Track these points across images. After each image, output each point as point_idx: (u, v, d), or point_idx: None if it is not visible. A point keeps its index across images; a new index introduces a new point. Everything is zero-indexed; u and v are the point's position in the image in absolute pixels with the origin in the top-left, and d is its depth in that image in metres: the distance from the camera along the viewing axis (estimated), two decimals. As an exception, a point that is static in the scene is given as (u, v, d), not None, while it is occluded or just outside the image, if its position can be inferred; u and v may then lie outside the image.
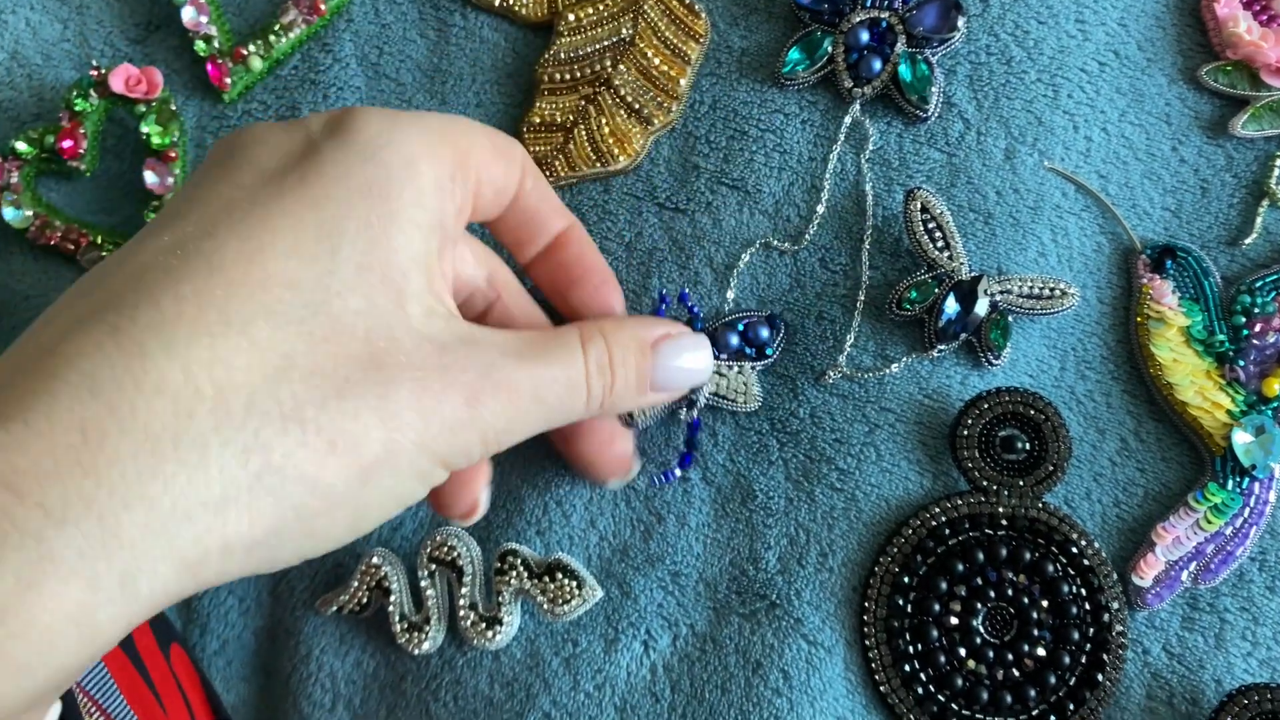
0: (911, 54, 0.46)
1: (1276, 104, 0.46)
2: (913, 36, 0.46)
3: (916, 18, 0.46)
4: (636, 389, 0.36)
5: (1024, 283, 0.44)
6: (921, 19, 0.46)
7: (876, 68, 0.46)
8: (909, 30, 0.46)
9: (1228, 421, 0.43)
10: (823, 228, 0.46)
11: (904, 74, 0.45)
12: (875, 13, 0.46)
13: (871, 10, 0.46)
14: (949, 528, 0.42)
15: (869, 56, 0.46)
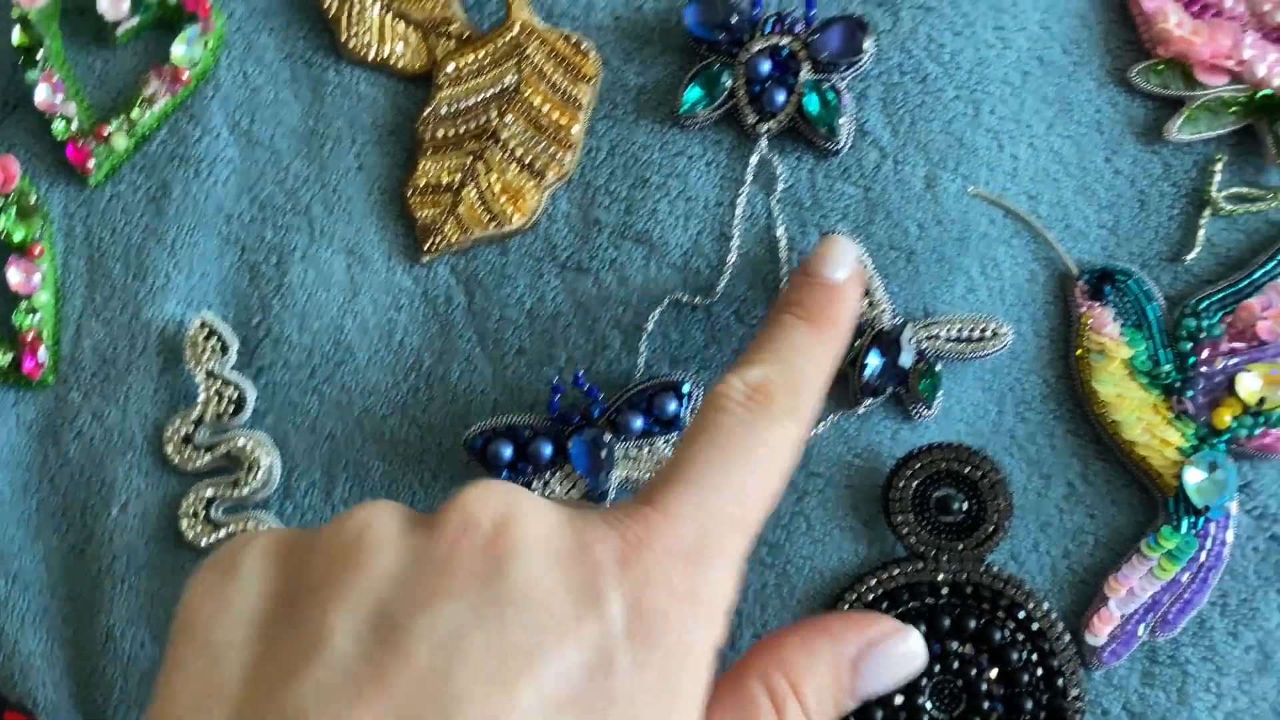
0: (817, 82, 0.42)
1: (1213, 104, 0.43)
2: (818, 63, 0.42)
3: (819, 42, 0.42)
4: (835, 712, 0.31)
5: (951, 326, 0.41)
6: (825, 44, 0.42)
7: (780, 100, 0.42)
8: (813, 56, 0.42)
9: (1178, 459, 0.40)
10: (736, 278, 0.43)
11: (810, 105, 0.42)
12: (776, 39, 0.42)
13: (771, 37, 0.42)
14: (887, 599, 0.40)
15: (772, 88, 0.42)
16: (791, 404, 0.32)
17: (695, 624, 0.27)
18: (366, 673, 0.24)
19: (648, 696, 0.25)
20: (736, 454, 0.30)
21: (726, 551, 0.29)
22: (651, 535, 0.27)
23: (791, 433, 0.32)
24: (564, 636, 0.25)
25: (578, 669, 0.25)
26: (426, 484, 0.43)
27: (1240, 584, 0.40)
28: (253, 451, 0.43)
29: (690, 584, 0.27)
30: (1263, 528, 0.41)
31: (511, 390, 0.43)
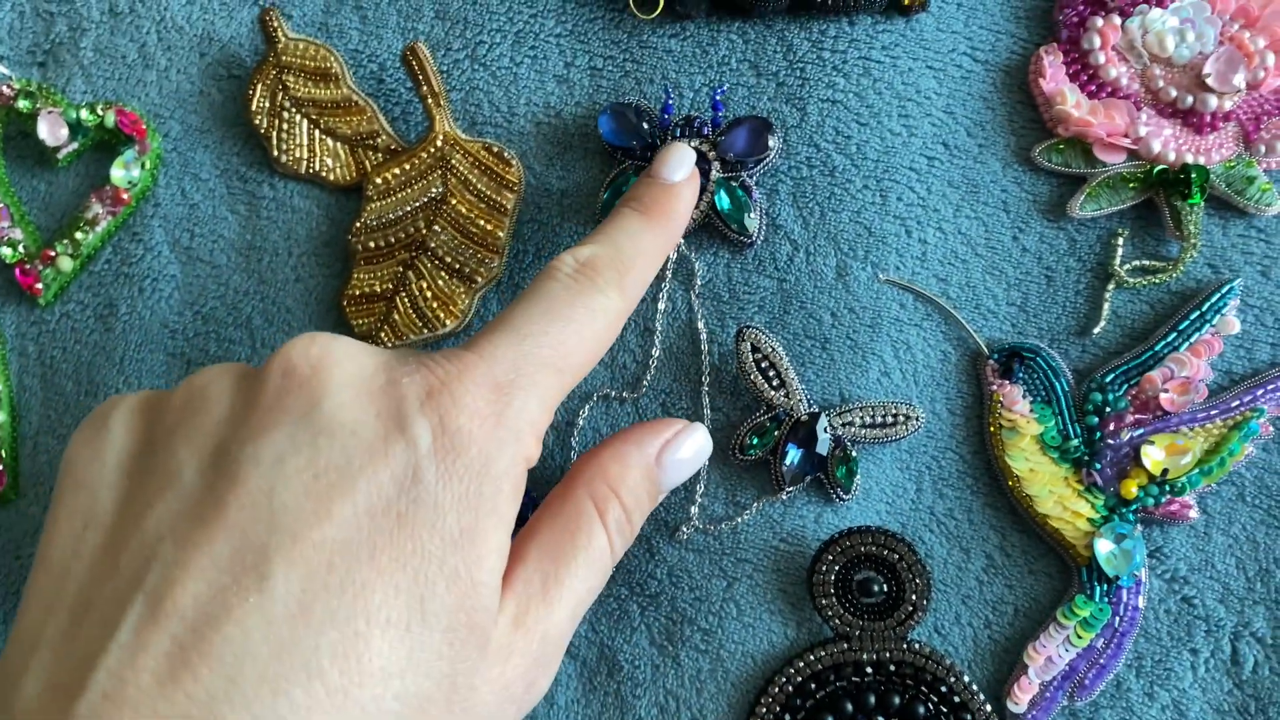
0: (727, 180, 0.44)
1: (1113, 180, 0.44)
2: (726, 162, 0.44)
3: (727, 143, 0.44)
4: (650, 505, 0.37)
5: (865, 412, 0.43)
6: (732, 144, 0.44)
7: None
8: (722, 156, 0.44)
9: (1089, 530, 0.42)
10: (660, 371, 0.45)
11: (721, 203, 0.43)
12: (686, 143, 0.44)
13: (681, 139, 0.44)
14: (814, 681, 0.41)
15: None
16: (616, 279, 0.35)
17: (500, 442, 0.31)
18: (208, 499, 0.29)
19: (454, 503, 0.29)
20: (559, 311, 0.34)
21: (538, 384, 0.32)
22: (464, 372, 0.31)
23: (614, 303, 0.35)
24: (374, 457, 0.29)
25: (389, 483, 0.29)
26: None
27: (1154, 645, 0.42)
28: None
29: (496, 409, 0.31)
30: (1174, 590, 0.42)
31: (451, 491, 0.44)
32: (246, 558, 0.28)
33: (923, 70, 0.45)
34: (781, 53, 0.45)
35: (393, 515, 0.29)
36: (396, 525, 0.29)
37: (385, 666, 0.28)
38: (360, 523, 0.28)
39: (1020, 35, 0.46)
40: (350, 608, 0.28)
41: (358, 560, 0.28)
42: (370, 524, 0.29)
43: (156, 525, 0.29)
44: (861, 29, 0.45)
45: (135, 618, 0.27)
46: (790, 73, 0.45)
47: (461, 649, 0.29)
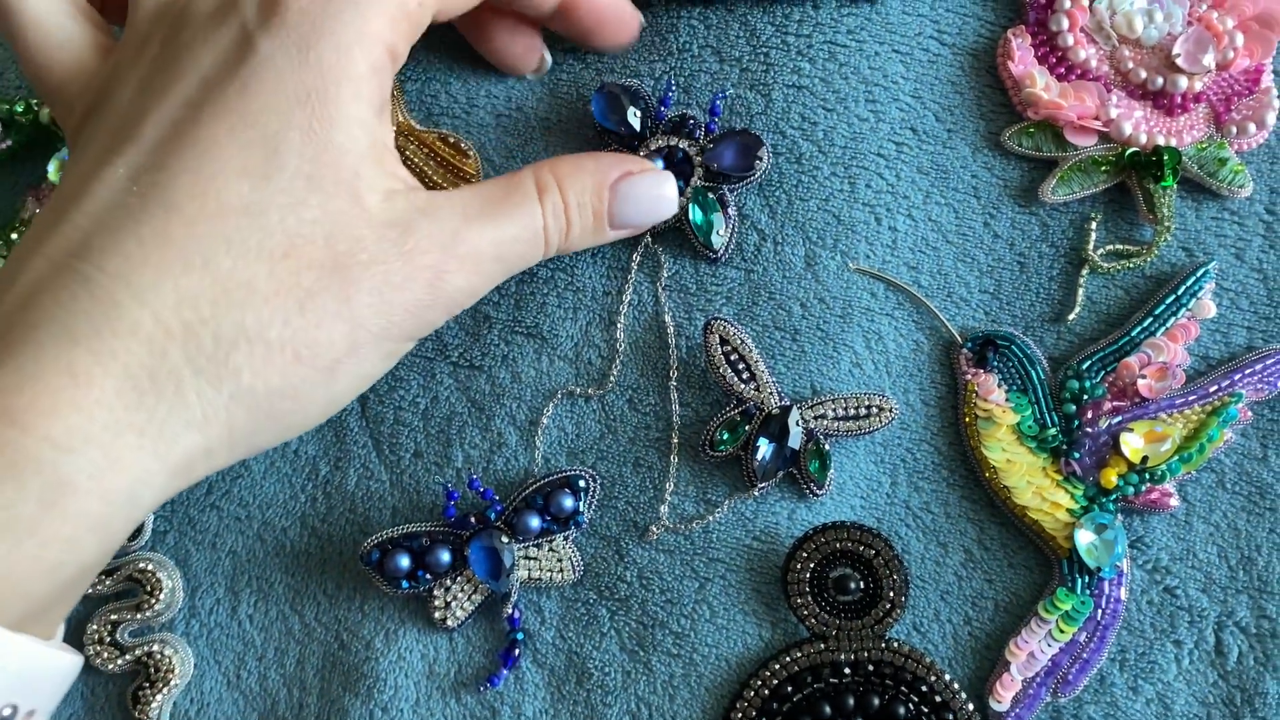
0: (705, 190, 0.42)
1: (1084, 164, 0.43)
2: (710, 171, 0.42)
3: (715, 155, 0.42)
4: (595, 231, 0.38)
5: (837, 404, 0.41)
6: (719, 157, 0.42)
7: None
8: (706, 164, 0.42)
9: (1069, 521, 0.41)
10: (627, 366, 0.43)
11: (693, 214, 0.42)
12: (674, 140, 0.42)
13: (670, 138, 0.42)
14: (791, 683, 0.40)
15: None
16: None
17: (336, 11, 0.32)
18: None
19: (294, 68, 0.32)
20: None
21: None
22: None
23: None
24: (207, 35, 0.33)
25: (224, 51, 0.32)
26: (331, 594, 0.43)
27: (1138, 638, 0.41)
28: (154, 574, 0.42)
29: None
30: (1156, 580, 0.41)
31: (409, 494, 0.43)
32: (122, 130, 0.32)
33: (889, 54, 0.44)
34: (745, 37, 0.44)
35: (236, 83, 0.31)
36: (239, 92, 0.31)
37: (246, 206, 0.31)
38: (202, 93, 0.32)
39: (987, 18, 0.45)
40: (201, 160, 0.31)
41: (205, 122, 0.31)
42: (211, 92, 0.31)
43: None
44: (826, 12, 0.44)
45: None
46: (754, 58, 0.44)
47: (329, 199, 0.31)
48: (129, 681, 0.42)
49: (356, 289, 0.32)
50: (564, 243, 0.37)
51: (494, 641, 0.42)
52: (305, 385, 0.32)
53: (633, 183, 0.38)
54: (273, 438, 0.33)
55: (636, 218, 0.38)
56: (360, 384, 0.34)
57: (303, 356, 0.31)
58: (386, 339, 0.33)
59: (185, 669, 0.42)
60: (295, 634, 0.42)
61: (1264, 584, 0.41)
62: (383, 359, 0.34)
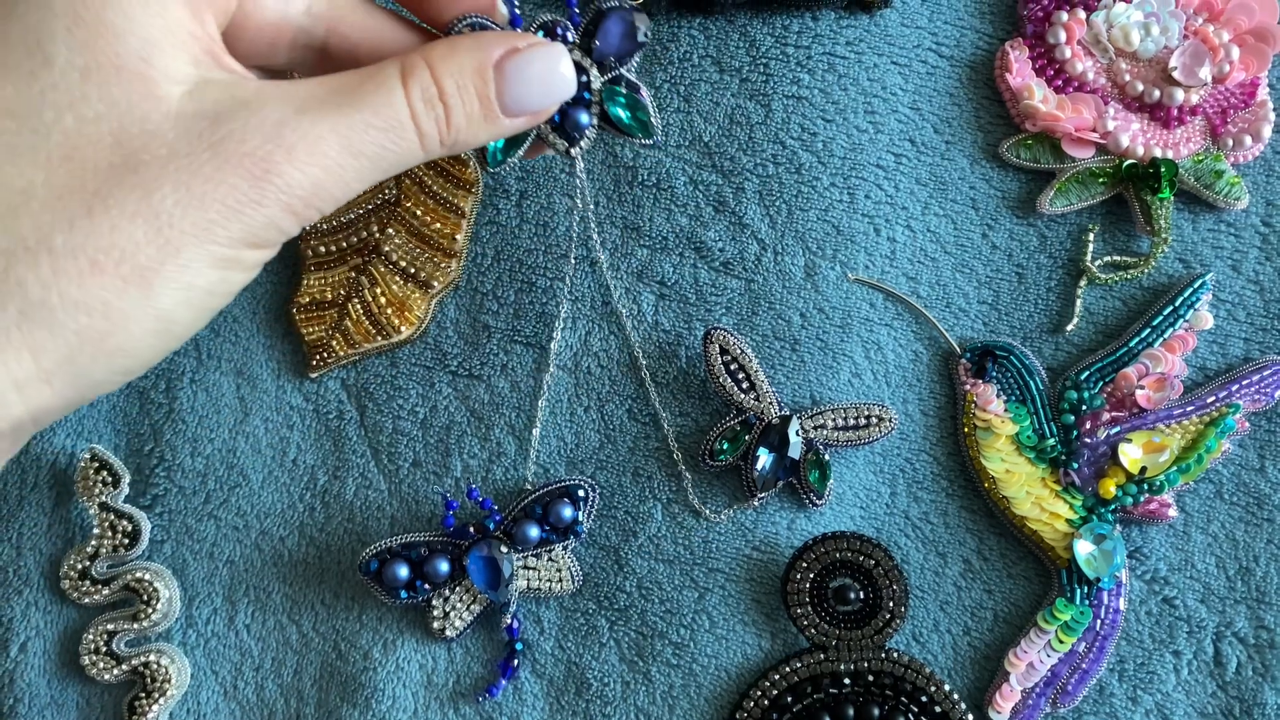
0: (612, 88, 0.37)
1: (1082, 175, 0.44)
2: (603, 65, 0.37)
3: (600, 47, 0.36)
4: (484, 118, 0.32)
5: (837, 415, 0.41)
6: (606, 46, 0.36)
7: (585, 119, 0.37)
8: (598, 60, 0.37)
9: (1068, 531, 0.41)
10: (627, 375, 0.43)
11: (617, 115, 0.37)
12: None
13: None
14: (791, 693, 0.40)
15: (572, 110, 0.37)
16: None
17: None
18: None
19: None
20: None
21: None
22: None
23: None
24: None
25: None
26: (329, 604, 0.43)
27: (1136, 648, 0.41)
28: (151, 583, 0.42)
29: None
30: (1155, 591, 0.41)
31: (408, 504, 0.43)
32: None
33: (888, 66, 0.44)
34: (744, 48, 0.44)
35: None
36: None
37: (11, 108, 0.28)
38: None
39: (985, 30, 0.45)
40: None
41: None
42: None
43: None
44: (825, 24, 0.44)
45: None
46: (754, 68, 0.44)
47: (111, 91, 0.28)
48: (125, 692, 0.42)
49: (157, 185, 0.28)
50: (446, 133, 0.32)
51: (493, 652, 0.42)
52: (115, 297, 0.28)
53: (521, 60, 0.33)
54: (104, 369, 0.29)
55: (531, 100, 0.33)
56: (195, 298, 0.29)
57: (101, 264, 0.27)
58: (210, 241, 0.28)
59: (182, 679, 0.42)
60: (293, 644, 0.42)
61: (1262, 594, 0.41)
62: (216, 268, 0.29)
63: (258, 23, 0.34)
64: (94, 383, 0.29)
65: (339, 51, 0.36)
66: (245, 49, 0.35)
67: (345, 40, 0.36)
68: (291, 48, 0.35)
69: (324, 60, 0.36)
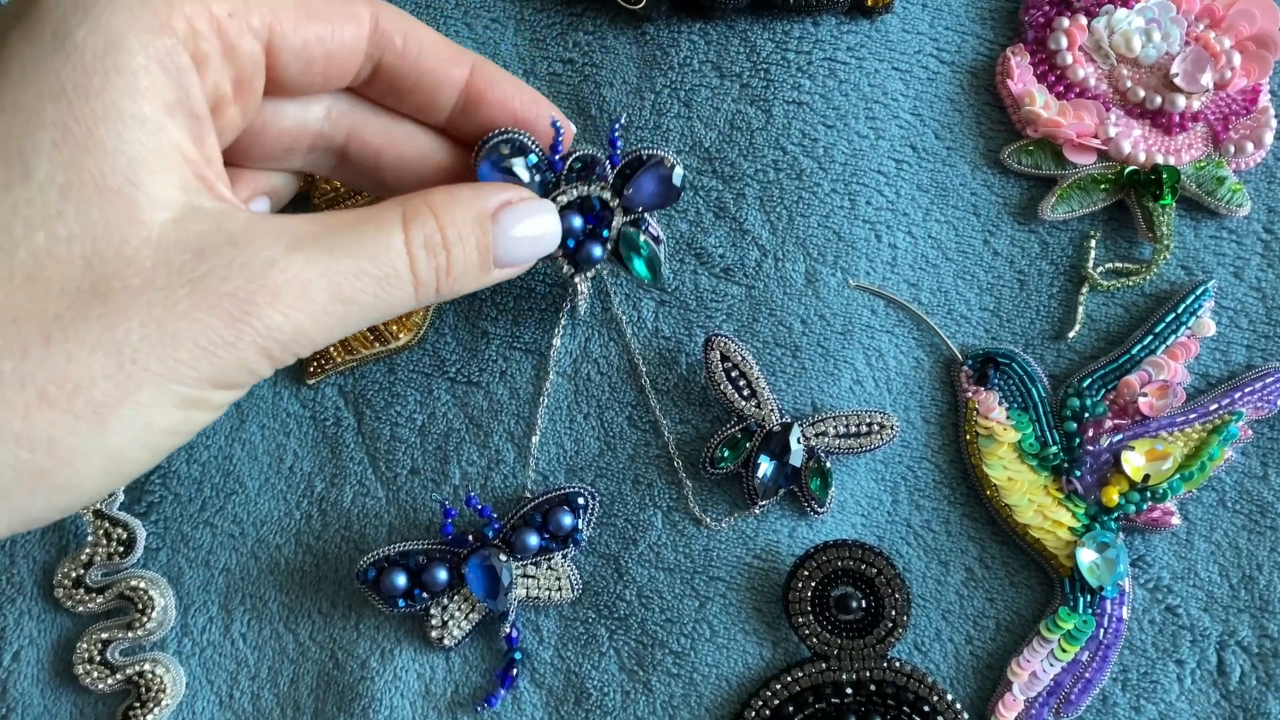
0: (633, 233, 0.39)
1: (1084, 181, 0.43)
2: (629, 208, 0.38)
3: (633, 197, 0.38)
4: (479, 267, 0.33)
5: (839, 422, 0.41)
6: (639, 194, 0.38)
7: (598, 254, 0.39)
8: (625, 205, 0.38)
9: (1071, 539, 0.41)
10: (627, 382, 0.43)
11: (634, 265, 0.39)
12: (583, 188, 0.38)
13: (578, 185, 0.38)
14: (793, 703, 0.39)
15: (588, 244, 0.38)
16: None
17: (80, 3, 0.27)
18: None
19: (40, 51, 0.27)
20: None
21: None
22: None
23: None
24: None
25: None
26: (326, 613, 0.42)
27: (1140, 658, 0.41)
28: (146, 591, 0.42)
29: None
30: (1158, 599, 0.41)
31: (406, 511, 0.42)
32: None
33: (889, 72, 0.44)
34: (745, 53, 0.44)
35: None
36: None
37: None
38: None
39: (986, 36, 0.45)
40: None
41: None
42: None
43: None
44: (826, 29, 0.44)
45: None
46: (754, 74, 0.44)
47: (91, 212, 0.26)
48: (119, 701, 0.42)
49: (124, 317, 0.26)
50: (444, 281, 0.31)
51: (491, 661, 0.41)
52: (63, 434, 0.26)
53: (514, 212, 0.33)
54: (41, 507, 0.27)
55: (519, 253, 0.33)
56: (152, 439, 0.27)
57: (51, 396, 0.25)
58: (177, 381, 0.27)
59: (177, 689, 0.42)
60: (289, 653, 0.42)
61: (1266, 603, 0.41)
62: (179, 408, 0.27)
63: (276, 129, 0.34)
64: (28, 519, 0.27)
65: (359, 157, 0.36)
66: (261, 153, 0.35)
67: (366, 146, 0.35)
68: (310, 151, 0.35)
69: (343, 164, 0.36)
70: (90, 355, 0.26)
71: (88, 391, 0.26)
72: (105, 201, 0.26)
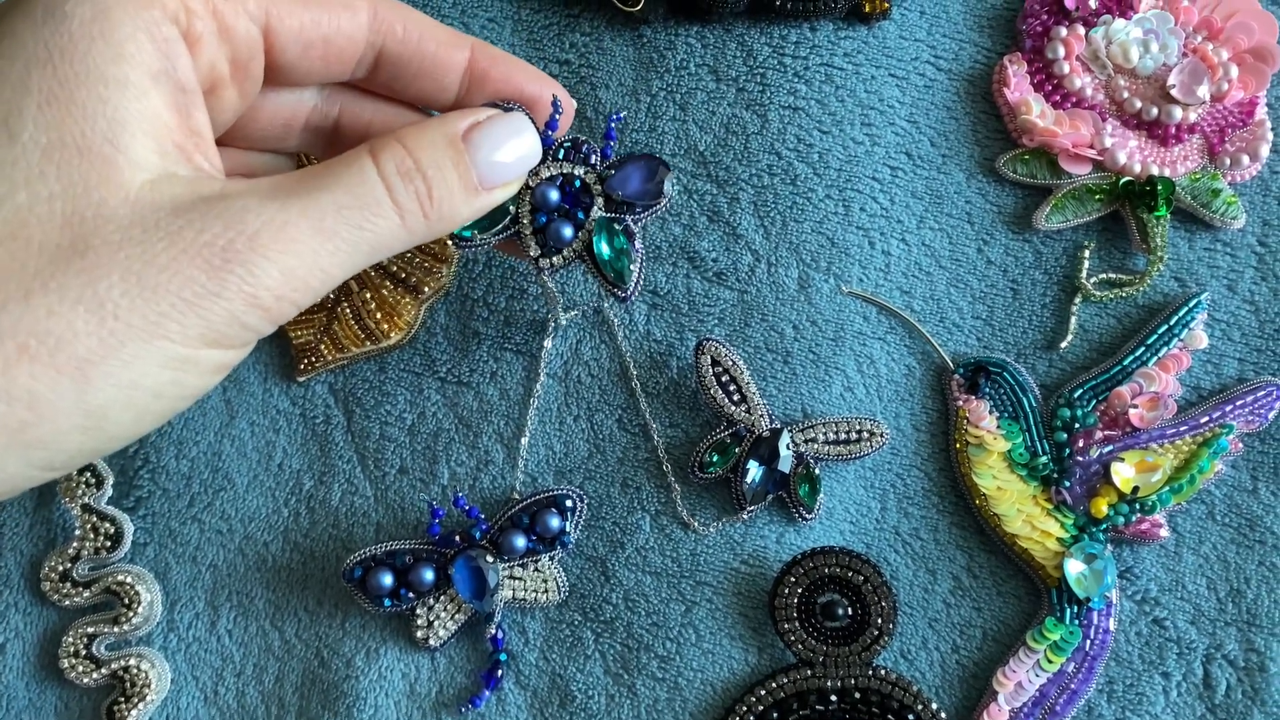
0: (609, 221, 0.36)
1: (1079, 191, 0.43)
2: (612, 200, 0.36)
3: (616, 181, 0.36)
4: (464, 191, 0.32)
5: (828, 429, 0.41)
6: (623, 184, 0.36)
7: (568, 235, 0.36)
8: (607, 193, 0.36)
9: (1059, 550, 0.41)
10: (618, 385, 0.43)
11: (599, 248, 0.36)
12: (568, 168, 0.36)
13: (564, 164, 0.36)
14: (777, 709, 0.39)
15: (558, 221, 0.36)
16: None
17: None
18: None
19: (28, 22, 0.28)
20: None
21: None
22: None
23: None
24: None
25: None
26: (312, 611, 0.42)
27: (1125, 670, 0.41)
28: (133, 586, 0.42)
29: None
30: (1145, 611, 0.41)
31: (394, 511, 0.42)
32: None
33: (885, 78, 0.44)
34: (741, 57, 0.44)
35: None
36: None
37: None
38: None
39: (984, 44, 0.45)
40: None
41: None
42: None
43: None
44: (823, 35, 0.44)
45: None
46: (750, 78, 0.44)
47: (71, 172, 0.27)
48: (104, 696, 0.42)
49: (105, 272, 0.26)
50: (430, 209, 0.31)
51: (477, 662, 0.41)
52: (44, 388, 0.26)
53: (485, 130, 0.32)
54: (18, 462, 0.27)
55: (504, 169, 0.33)
56: (137, 399, 0.27)
57: (32, 350, 0.26)
58: (162, 337, 0.27)
59: (162, 684, 0.42)
60: (275, 650, 0.42)
61: (1253, 617, 0.41)
62: (166, 367, 0.27)
63: (274, 105, 0.35)
64: (6, 475, 0.27)
65: (351, 131, 0.36)
66: (258, 133, 0.35)
67: (358, 119, 0.36)
68: (305, 129, 0.36)
69: (336, 142, 0.36)
70: (72, 310, 0.26)
71: (70, 346, 0.26)
72: (85, 162, 0.27)
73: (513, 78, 0.35)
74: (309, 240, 0.28)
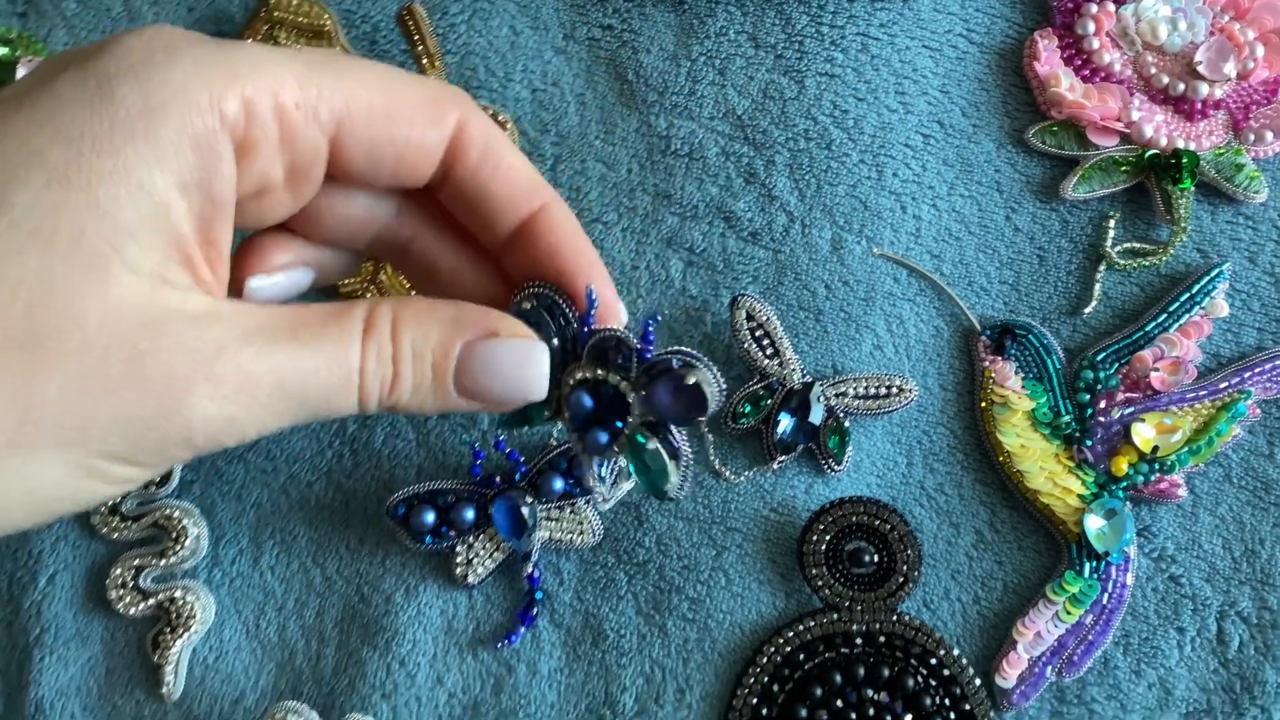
0: (644, 433, 0.30)
1: (1105, 163, 0.45)
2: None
3: (652, 400, 0.30)
4: (435, 392, 0.29)
5: (859, 383, 0.42)
6: (656, 404, 0.30)
7: (602, 440, 0.31)
8: (643, 410, 0.30)
9: (1079, 506, 0.42)
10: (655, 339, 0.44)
11: (631, 466, 0.31)
12: (599, 373, 0.30)
13: (594, 368, 0.30)
14: (804, 651, 0.41)
15: (592, 430, 0.31)
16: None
17: (163, 62, 0.26)
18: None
19: (77, 94, 0.25)
20: None
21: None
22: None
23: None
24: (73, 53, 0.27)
25: (44, 72, 0.27)
26: (353, 549, 0.43)
27: (1141, 624, 0.42)
28: (180, 521, 0.43)
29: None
30: (1161, 569, 0.42)
31: (435, 454, 0.44)
32: None
33: (919, 49, 0.46)
34: (780, 25, 0.45)
35: (11, 104, 0.25)
36: (11, 110, 0.25)
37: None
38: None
39: (1015, 19, 0.46)
40: None
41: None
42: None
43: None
44: (860, 5, 0.45)
45: None
46: (789, 45, 0.45)
47: (54, 263, 0.24)
48: (149, 626, 0.43)
49: (46, 374, 0.24)
50: (389, 398, 0.29)
51: (513, 600, 0.43)
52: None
53: (494, 348, 0.29)
54: None
55: (494, 390, 0.29)
56: (33, 502, 0.25)
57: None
58: (83, 450, 0.25)
59: (206, 616, 0.43)
60: (316, 586, 0.43)
61: (1266, 576, 0.42)
62: (73, 477, 0.25)
63: (342, 208, 0.32)
64: None
65: (421, 261, 0.34)
66: (324, 234, 0.32)
67: (426, 253, 0.33)
68: (376, 241, 0.33)
69: (407, 261, 0.34)
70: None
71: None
72: (75, 255, 0.25)
73: (560, 252, 0.31)
74: (266, 397, 0.27)
